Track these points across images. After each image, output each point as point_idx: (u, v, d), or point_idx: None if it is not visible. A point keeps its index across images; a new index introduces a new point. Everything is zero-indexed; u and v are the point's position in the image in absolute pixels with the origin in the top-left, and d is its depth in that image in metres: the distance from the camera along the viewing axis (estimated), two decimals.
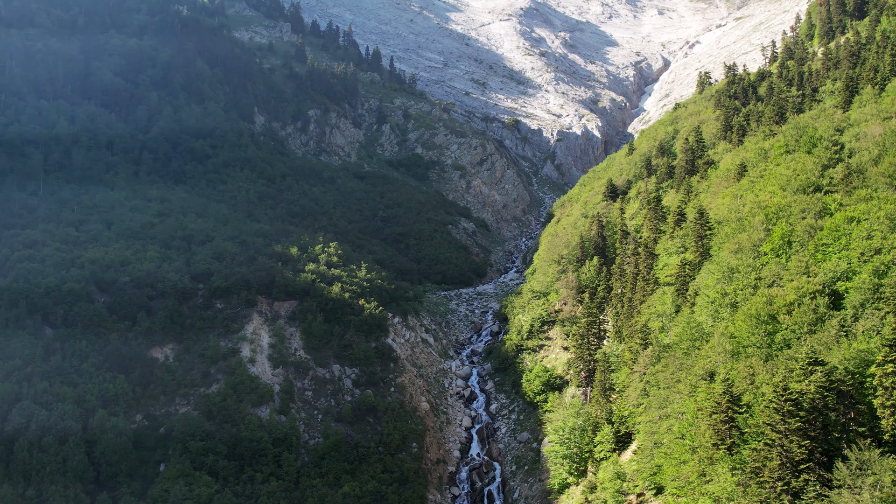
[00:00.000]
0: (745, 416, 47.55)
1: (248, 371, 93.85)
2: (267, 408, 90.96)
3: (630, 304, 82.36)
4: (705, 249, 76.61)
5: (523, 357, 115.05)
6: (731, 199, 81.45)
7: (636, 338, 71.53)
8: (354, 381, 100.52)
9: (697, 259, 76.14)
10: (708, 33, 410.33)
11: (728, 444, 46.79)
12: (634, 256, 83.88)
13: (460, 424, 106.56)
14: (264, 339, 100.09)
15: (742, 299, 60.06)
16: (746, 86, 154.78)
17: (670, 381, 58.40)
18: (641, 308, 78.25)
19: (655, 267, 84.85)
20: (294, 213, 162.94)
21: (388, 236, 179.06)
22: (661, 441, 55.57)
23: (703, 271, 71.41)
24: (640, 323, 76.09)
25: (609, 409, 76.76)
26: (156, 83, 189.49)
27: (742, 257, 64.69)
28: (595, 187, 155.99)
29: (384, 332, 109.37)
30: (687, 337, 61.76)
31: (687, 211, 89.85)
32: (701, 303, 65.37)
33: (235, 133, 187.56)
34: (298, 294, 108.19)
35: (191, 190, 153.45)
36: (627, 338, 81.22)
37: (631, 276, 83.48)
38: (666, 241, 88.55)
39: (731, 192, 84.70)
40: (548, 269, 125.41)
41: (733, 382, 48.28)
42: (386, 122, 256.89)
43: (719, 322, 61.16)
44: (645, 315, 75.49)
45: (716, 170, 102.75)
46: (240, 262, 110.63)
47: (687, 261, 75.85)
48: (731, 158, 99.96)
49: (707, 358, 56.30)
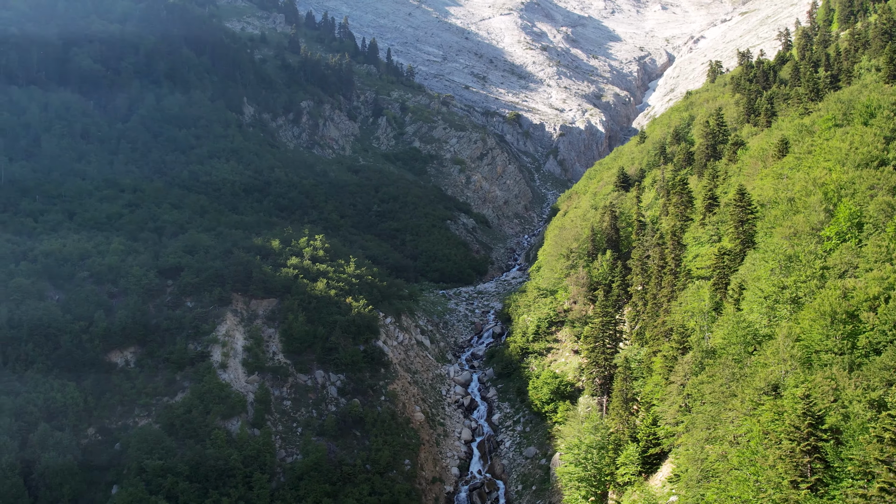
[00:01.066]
0: (833, 445, 36.37)
1: (218, 378, 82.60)
2: (238, 420, 79.68)
3: (655, 302, 71.25)
4: (748, 236, 65.50)
5: (529, 361, 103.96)
6: (774, 180, 70.36)
7: (671, 341, 60.17)
8: (340, 389, 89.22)
9: (738, 247, 65.02)
10: (713, 28, 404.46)
11: (812, 482, 35.55)
12: (659, 247, 72.73)
13: (459, 437, 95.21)
14: (238, 342, 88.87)
15: (806, 293, 49.05)
16: (766, 69, 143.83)
17: (720, 396, 47.19)
18: (671, 306, 67.08)
19: (684, 258, 73.73)
20: (282, 206, 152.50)
21: (383, 232, 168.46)
22: (712, 470, 44.31)
23: (748, 261, 60.41)
24: (670, 323, 64.95)
25: (632, 424, 65.62)
26: (138, 71, 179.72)
27: (801, 243, 53.61)
28: (605, 177, 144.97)
29: (374, 333, 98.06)
30: (737, 340, 50.51)
31: (719, 194, 78.67)
32: (751, 298, 54.22)
33: (222, 123, 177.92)
34: (278, 291, 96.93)
35: (172, 181, 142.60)
36: (652, 340, 70.07)
37: (656, 270, 72.35)
38: (695, 229, 77.31)
39: (772, 171, 73.62)
40: (555, 265, 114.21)
41: (813, 400, 36.96)
42: (382, 114, 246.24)
43: (778, 322, 50.12)
44: (676, 314, 64.30)
45: (746, 151, 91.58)
46: (214, 255, 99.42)
47: (725, 249, 64.68)
48: (766, 137, 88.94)
49: (767, 366, 45.19)
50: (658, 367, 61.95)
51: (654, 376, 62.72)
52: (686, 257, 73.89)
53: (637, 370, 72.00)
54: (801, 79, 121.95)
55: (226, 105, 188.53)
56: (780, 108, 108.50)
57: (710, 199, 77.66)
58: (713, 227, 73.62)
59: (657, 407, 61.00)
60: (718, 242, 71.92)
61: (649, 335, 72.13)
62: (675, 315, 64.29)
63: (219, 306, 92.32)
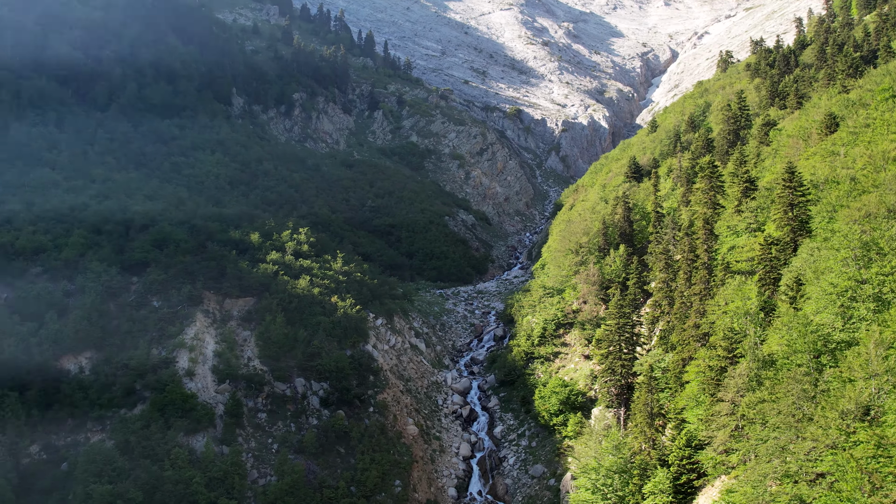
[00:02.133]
0: None
1: (183, 387, 72.64)
2: (204, 436, 69.68)
3: (684, 301, 61.44)
4: (800, 222, 55.74)
5: (535, 367, 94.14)
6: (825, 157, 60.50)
7: (714, 347, 49.89)
8: (322, 400, 79.20)
9: (788, 236, 55.27)
10: (717, 24, 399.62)
11: None
12: (688, 237, 62.90)
13: (457, 453, 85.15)
14: (209, 346, 78.88)
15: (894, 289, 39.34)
16: (787, 54, 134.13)
17: (790, 419, 37.40)
18: (705, 305, 57.13)
19: (718, 251, 63.90)
20: (269, 200, 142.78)
21: (377, 228, 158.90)
22: None
23: (804, 251, 50.69)
24: (705, 326, 55.05)
25: (660, 444, 55.77)
26: (121, 60, 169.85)
27: (879, 227, 43.86)
28: (614, 169, 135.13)
29: (363, 336, 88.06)
30: (803, 346, 40.64)
31: (757, 176, 68.76)
32: (817, 295, 44.43)
33: (208, 114, 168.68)
34: (256, 289, 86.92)
35: (151, 173, 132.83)
36: (681, 345, 60.22)
37: (684, 264, 62.50)
38: (729, 217, 67.46)
39: (821, 149, 63.88)
40: (563, 261, 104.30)
41: None
42: (378, 108, 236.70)
43: (855, 324, 40.38)
44: (714, 314, 54.36)
45: (779, 132, 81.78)
46: (185, 250, 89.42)
47: (773, 238, 54.84)
48: (804, 116, 79.19)
49: (853, 382, 35.47)
50: (693, 377, 52.05)
51: (689, 388, 52.81)
52: (720, 249, 64.08)
53: (662, 380, 62.20)
54: (827, 60, 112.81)
55: (213, 96, 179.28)
56: (808, 90, 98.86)
57: (746, 183, 67.77)
58: (751, 214, 63.87)
59: (691, 425, 51.20)
60: (758, 231, 62.24)
61: (677, 339, 62.25)
62: (712, 316, 54.38)
63: (188, 306, 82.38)
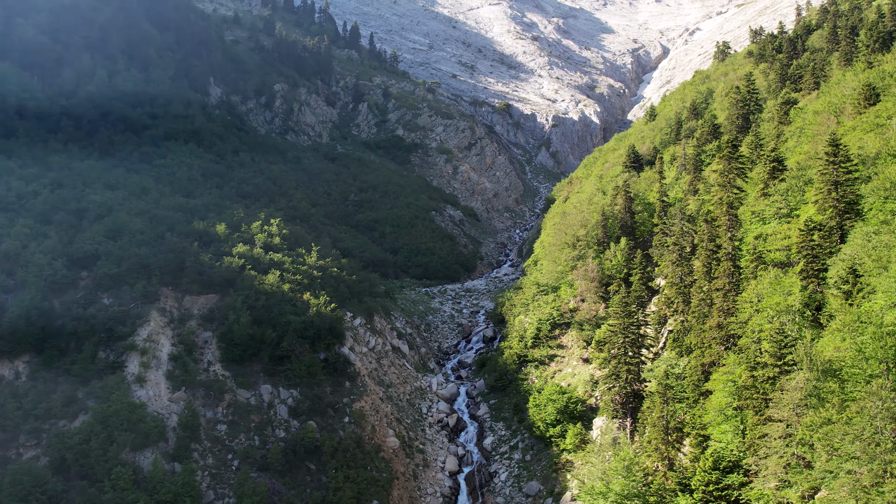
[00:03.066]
0: None
1: (131, 395, 63.95)
2: (152, 452, 60.97)
3: (704, 298, 53.14)
4: (847, 203, 47.75)
5: (528, 371, 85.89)
6: (867, 132, 52.47)
7: (764, 355, 41.26)
8: (292, 409, 70.48)
9: (834, 219, 47.25)
10: (708, 20, 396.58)
11: None
12: (707, 225, 54.64)
13: (442, 468, 76.51)
14: (164, 349, 70.13)
15: None
16: (793, 38, 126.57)
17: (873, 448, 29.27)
18: (728, 303, 48.75)
19: (744, 240, 55.81)
20: (245, 192, 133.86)
21: (360, 223, 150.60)
22: None
23: (856, 237, 42.76)
24: (734, 326, 46.86)
25: (679, 465, 47.58)
26: (91, 46, 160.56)
27: None
28: (611, 159, 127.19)
29: (338, 337, 79.32)
30: (879, 354, 32.51)
31: (785, 155, 60.67)
32: (887, 288, 36.37)
33: (183, 103, 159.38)
34: (219, 285, 78.14)
35: (118, 163, 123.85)
36: (700, 348, 52.04)
37: (703, 256, 54.20)
38: (753, 202, 59.37)
39: (863, 122, 55.93)
40: (558, 256, 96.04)
41: None
42: (363, 100, 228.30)
43: None
44: (746, 313, 46.16)
45: (802, 111, 73.88)
46: (141, 241, 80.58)
47: (815, 223, 46.77)
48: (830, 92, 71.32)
49: None
50: (720, 387, 43.86)
51: (714, 399, 44.59)
52: (745, 238, 56.00)
53: (677, 388, 54.06)
54: (840, 42, 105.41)
55: (189, 85, 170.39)
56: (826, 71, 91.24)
57: (773, 163, 59.60)
58: (781, 197, 55.85)
59: (719, 443, 43.05)
60: (788, 217, 54.30)
61: (695, 341, 54.08)
62: (742, 314, 46.15)
63: (143, 304, 73.57)
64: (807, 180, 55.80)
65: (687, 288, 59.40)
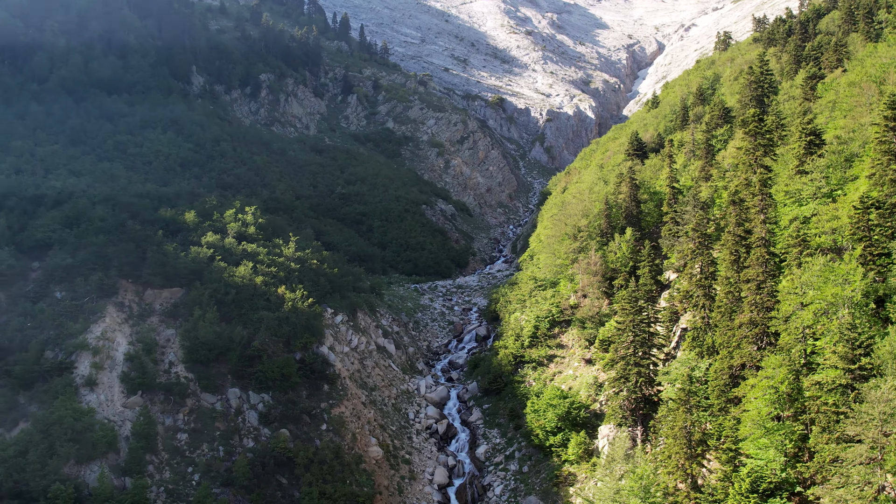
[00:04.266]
0: None
1: (78, 400, 56.55)
2: (100, 465, 53.53)
3: (731, 291, 45.92)
4: None
5: (525, 373, 78.70)
6: None
7: (833, 359, 33.58)
8: (263, 416, 63.09)
9: (895, 191, 40.22)
10: (704, 16, 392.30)
11: None
12: (736, 206, 47.46)
13: (430, 480, 69.01)
14: (119, 348, 62.69)
15: None
16: (804, 21, 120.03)
17: None
18: (762, 296, 41.53)
19: (779, 223, 48.74)
20: (225, 183, 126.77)
21: (347, 216, 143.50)
22: None
23: None
24: (775, 324, 39.68)
25: (708, 485, 40.53)
26: (67, 31, 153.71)
27: None
28: (612, 147, 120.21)
29: (316, 336, 71.85)
30: None
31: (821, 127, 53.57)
32: None
33: (163, 91, 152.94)
34: (185, 278, 70.61)
35: (90, 151, 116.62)
36: (727, 349, 44.99)
37: (732, 242, 46.89)
38: (788, 179, 52.22)
39: None
40: (558, 249, 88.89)
41: None
42: (353, 92, 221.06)
43: None
44: (790, 305, 38.88)
45: (830, 86, 67.02)
46: (100, 229, 73.13)
47: (872, 200, 39.61)
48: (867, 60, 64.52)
49: None
50: (759, 393, 36.77)
51: (751, 407, 37.45)
52: (780, 222, 48.91)
53: (701, 394, 47.02)
54: (857, 22, 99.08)
55: (170, 73, 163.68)
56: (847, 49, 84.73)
57: (811, 136, 52.35)
58: (820, 174, 48.79)
59: (759, 461, 36.01)
60: (830, 196, 47.37)
61: (720, 340, 47.06)
62: (787, 307, 38.93)
63: (98, 297, 66.16)
64: (849, 155, 48.95)
65: (708, 280, 52.39)
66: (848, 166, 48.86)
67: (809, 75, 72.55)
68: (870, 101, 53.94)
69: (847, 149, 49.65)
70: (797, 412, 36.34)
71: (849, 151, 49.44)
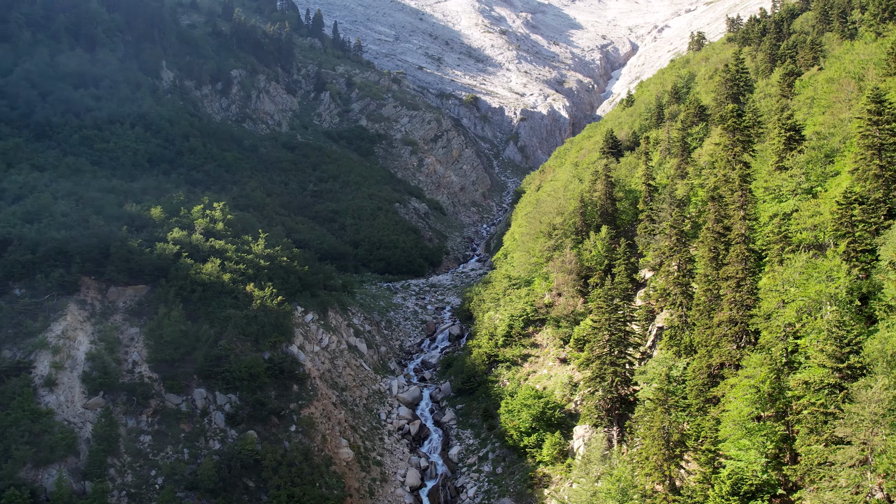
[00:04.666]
0: None
1: (37, 401, 54.42)
2: (58, 469, 51.49)
3: (710, 288, 44.92)
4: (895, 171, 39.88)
5: (499, 373, 77.50)
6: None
7: (820, 358, 32.25)
8: (229, 417, 61.31)
9: (879, 191, 39.41)
10: (677, 17, 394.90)
11: None
12: (715, 203, 46.59)
13: (402, 482, 67.59)
14: (81, 347, 60.56)
15: None
16: (778, 21, 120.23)
17: None
18: (742, 293, 40.54)
19: (759, 219, 47.88)
20: (195, 180, 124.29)
21: (319, 214, 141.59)
22: None
23: None
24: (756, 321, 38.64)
25: (686, 488, 39.54)
26: (33, 23, 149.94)
27: None
28: (586, 146, 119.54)
29: (286, 334, 70.18)
30: None
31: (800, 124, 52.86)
32: None
33: (131, 85, 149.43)
34: (149, 274, 68.55)
35: (55, 146, 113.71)
36: (706, 347, 44.10)
37: (710, 239, 45.98)
38: (768, 175, 51.40)
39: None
40: (532, 247, 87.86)
41: None
42: (326, 89, 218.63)
43: None
44: (770, 303, 37.85)
45: (807, 82, 66.52)
46: (61, 224, 70.84)
47: (855, 195, 38.80)
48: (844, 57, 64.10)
49: None
50: (740, 393, 35.76)
51: (732, 408, 36.44)
52: (759, 218, 48.07)
53: (679, 393, 46.09)
54: (831, 21, 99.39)
55: (139, 67, 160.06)
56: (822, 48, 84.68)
57: (790, 132, 51.62)
58: (800, 170, 48.02)
59: (740, 462, 35.06)
60: (810, 192, 46.63)
61: (698, 339, 46.17)
62: (768, 304, 37.92)
63: (59, 295, 63.93)
64: (829, 151, 48.28)
65: (686, 277, 51.54)
66: (828, 162, 48.24)
67: (787, 72, 72.17)
68: (849, 98, 53.48)
69: (827, 144, 49.03)
70: (779, 412, 35.45)
71: (829, 147, 48.80)
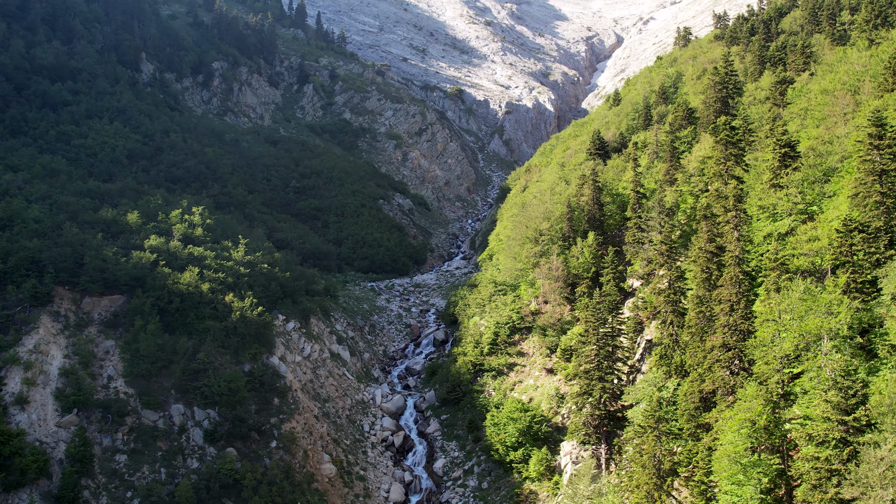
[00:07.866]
0: None
1: (7, 421, 52.47)
2: (29, 493, 49.73)
3: (703, 311, 43.69)
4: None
5: (485, 382, 76.20)
6: None
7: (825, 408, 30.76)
8: (208, 434, 59.67)
9: (881, 218, 38.01)
10: (663, 10, 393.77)
11: None
12: (707, 221, 45.25)
13: (386, 498, 66.26)
14: (54, 362, 58.67)
15: None
16: (767, 20, 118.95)
17: None
18: (735, 318, 39.30)
19: (752, 240, 46.59)
20: (175, 177, 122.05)
21: (302, 211, 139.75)
22: None
23: None
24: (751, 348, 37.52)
25: None
26: (8, 14, 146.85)
27: None
28: (573, 146, 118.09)
29: (266, 345, 68.58)
30: None
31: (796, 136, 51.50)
32: None
33: (110, 79, 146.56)
34: (126, 285, 66.67)
35: (31, 142, 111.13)
36: (699, 370, 42.94)
37: (703, 259, 44.74)
38: (762, 193, 50.14)
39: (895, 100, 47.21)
40: (518, 252, 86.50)
41: None
42: (309, 82, 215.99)
43: None
44: (767, 333, 36.57)
45: (801, 92, 65.28)
46: (34, 232, 68.70)
47: (856, 223, 37.34)
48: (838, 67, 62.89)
49: None
50: (736, 426, 34.57)
51: (726, 440, 35.28)
52: (753, 239, 46.81)
53: (668, 415, 44.89)
54: (821, 23, 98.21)
55: (118, 60, 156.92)
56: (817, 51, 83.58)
57: (785, 148, 50.19)
58: (796, 189, 46.68)
59: (735, 497, 33.89)
60: (806, 213, 45.45)
61: (690, 362, 44.97)
62: (764, 333, 36.74)
63: (31, 307, 61.90)
64: (827, 170, 47.09)
65: (677, 294, 50.31)
66: (825, 181, 47.08)
67: (779, 79, 70.84)
68: (844, 111, 52.28)
69: (824, 162, 47.84)
70: (774, 446, 34.31)
71: (826, 165, 47.61)
